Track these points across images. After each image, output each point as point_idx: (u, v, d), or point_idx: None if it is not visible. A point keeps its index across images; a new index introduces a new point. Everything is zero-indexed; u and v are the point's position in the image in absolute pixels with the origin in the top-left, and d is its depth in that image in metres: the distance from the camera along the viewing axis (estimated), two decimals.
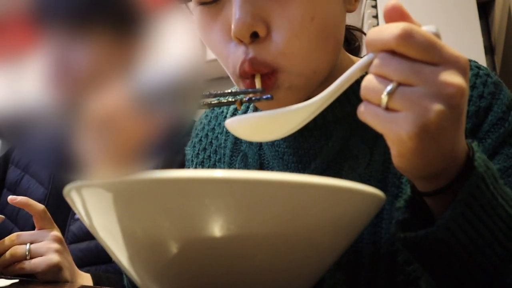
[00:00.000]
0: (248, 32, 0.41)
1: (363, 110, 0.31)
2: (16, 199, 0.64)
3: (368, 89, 0.30)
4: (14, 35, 0.28)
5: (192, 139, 0.65)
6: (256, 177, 0.24)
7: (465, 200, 0.32)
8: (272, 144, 0.54)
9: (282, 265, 0.28)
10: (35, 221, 0.66)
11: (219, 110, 0.63)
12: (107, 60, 0.29)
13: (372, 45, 0.30)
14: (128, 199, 0.26)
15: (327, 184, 0.26)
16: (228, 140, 0.59)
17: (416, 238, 0.33)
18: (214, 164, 0.60)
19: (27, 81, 0.29)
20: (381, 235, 0.46)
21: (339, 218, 0.28)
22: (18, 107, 0.29)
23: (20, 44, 0.28)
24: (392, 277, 0.45)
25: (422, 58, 0.29)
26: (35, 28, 0.27)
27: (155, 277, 0.29)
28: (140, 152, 0.27)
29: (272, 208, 0.25)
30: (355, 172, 0.49)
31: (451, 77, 0.28)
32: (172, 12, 0.31)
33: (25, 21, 0.27)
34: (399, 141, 0.29)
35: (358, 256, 0.47)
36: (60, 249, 0.64)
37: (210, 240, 0.25)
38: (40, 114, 0.28)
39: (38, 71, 0.28)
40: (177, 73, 0.31)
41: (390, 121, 0.29)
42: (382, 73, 0.29)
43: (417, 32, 0.28)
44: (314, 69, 0.45)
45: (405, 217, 0.36)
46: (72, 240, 0.88)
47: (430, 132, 0.28)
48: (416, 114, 0.28)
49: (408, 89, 0.29)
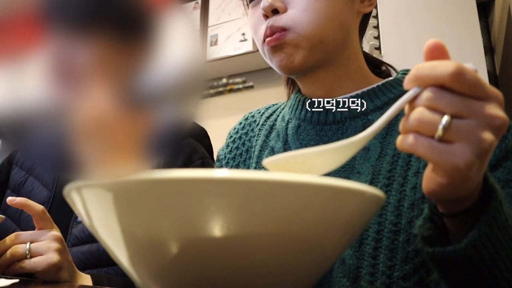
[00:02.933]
0: (270, 8, 0.57)
1: (413, 141, 0.32)
2: (15, 200, 0.64)
3: (422, 121, 0.31)
4: (17, 35, 0.28)
5: (227, 142, 0.75)
6: (256, 177, 0.24)
7: (488, 221, 0.35)
8: (297, 139, 0.63)
9: (282, 265, 0.28)
10: (35, 221, 0.66)
11: (252, 119, 0.74)
12: (111, 61, 0.29)
13: (422, 79, 0.32)
14: (128, 199, 0.26)
15: (327, 184, 0.26)
16: (259, 140, 0.69)
17: (444, 253, 0.36)
18: (245, 160, 0.70)
19: (30, 81, 0.29)
20: (386, 217, 0.51)
21: (339, 218, 0.28)
22: (20, 107, 0.29)
23: (23, 44, 0.28)
24: (393, 253, 0.50)
25: (471, 94, 0.31)
26: (39, 28, 0.27)
27: (155, 277, 0.29)
28: (140, 151, 0.28)
29: (272, 208, 0.25)
30: (368, 162, 0.56)
31: (496, 111, 0.31)
32: (172, 12, 0.31)
33: (29, 21, 0.27)
34: (455, 170, 0.31)
35: (365, 233, 0.51)
36: (60, 249, 0.64)
37: (210, 240, 0.25)
38: (42, 115, 0.28)
39: (41, 72, 0.28)
40: (177, 73, 0.31)
41: (446, 152, 0.31)
42: (436, 106, 0.31)
43: (468, 70, 0.31)
44: (320, 39, 0.57)
45: (429, 233, 0.39)
46: (74, 243, 0.88)
47: (482, 160, 0.31)
48: (471, 144, 0.30)
49: (462, 122, 0.31)
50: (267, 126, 0.70)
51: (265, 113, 0.74)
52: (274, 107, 0.74)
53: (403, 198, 0.52)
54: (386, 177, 0.54)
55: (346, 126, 0.60)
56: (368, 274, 0.49)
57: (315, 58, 0.58)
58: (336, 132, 0.60)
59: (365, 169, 0.55)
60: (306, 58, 0.57)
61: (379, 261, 0.50)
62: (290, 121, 0.66)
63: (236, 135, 0.74)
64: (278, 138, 0.66)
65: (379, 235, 0.51)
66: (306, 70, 0.60)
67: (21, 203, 0.64)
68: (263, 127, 0.70)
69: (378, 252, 0.50)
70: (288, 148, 0.64)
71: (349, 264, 0.51)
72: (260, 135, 0.70)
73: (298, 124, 0.64)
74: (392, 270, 0.49)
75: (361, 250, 0.51)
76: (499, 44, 1.57)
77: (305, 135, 0.63)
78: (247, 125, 0.74)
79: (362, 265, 0.50)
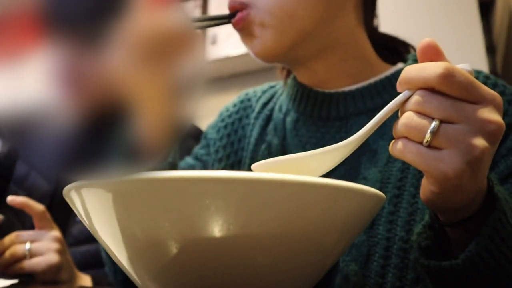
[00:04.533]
0: None
1: (401, 148, 0.30)
2: (16, 199, 0.64)
3: (410, 126, 0.30)
4: (17, 35, 0.27)
5: (217, 123, 0.67)
6: (256, 177, 0.24)
7: (488, 234, 0.32)
8: (296, 135, 0.57)
9: (282, 265, 0.28)
10: (35, 221, 0.65)
11: (248, 102, 0.66)
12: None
13: (411, 82, 0.30)
14: (128, 199, 0.26)
15: (327, 184, 0.25)
16: (254, 131, 0.62)
17: (440, 268, 0.34)
18: (236, 151, 0.62)
19: (30, 81, 0.29)
20: (396, 232, 0.47)
21: (339, 218, 0.28)
22: (21, 107, 0.29)
23: (23, 44, 0.28)
24: (403, 273, 0.46)
25: (462, 97, 0.29)
26: (40, 29, 0.27)
27: (155, 277, 0.29)
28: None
29: (272, 208, 0.25)
30: (375, 167, 0.50)
31: (491, 115, 0.29)
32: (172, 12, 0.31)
33: (29, 22, 0.27)
34: (443, 178, 0.29)
35: (372, 249, 0.47)
36: (60, 249, 0.64)
37: (210, 240, 0.25)
38: (44, 115, 0.28)
39: (43, 73, 0.28)
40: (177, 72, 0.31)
41: (434, 159, 0.29)
42: (424, 110, 0.30)
43: (458, 72, 0.29)
44: (289, 13, 0.48)
45: (427, 243, 0.37)
46: (73, 243, 0.87)
47: (473, 168, 0.29)
48: (461, 151, 0.29)
49: (451, 127, 0.29)
50: (263, 115, 0.62)
51: (261, 97, 0.66)
52: (272, 91, 0.66)
53: (414, 211, 0.47)
54: (396, 186, 0.48)
55: (351, 123, 0.53)
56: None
57: (289, 38, 0.50)
58: (340, 129, 0.54)
59: (372, 175, 0.50)
60: (278, 39, 0.49)
61: (387, 280, 0.46)
62: (288, 113, 0.59)
63: (229, 119, 0.66)
64: (275, 133, 0.59)
65: (387, 252, 0.46)
66: (287, 57, 0.53)
67: (21, 203, 0.64)
68: (259, 116, 0.63)
69: (386, 270, 0.46)
70: (286, 145, 0.58)
71: (354, 282, 0.47)
72: (256, 125, 0.62)
73: (297, 117, 0.58)
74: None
75: (367, 267, 0.47)
76: (501, 43, 1.57)
77: (304, 130, 0.56)
78: (242, 109, 0.66)
79: (368, 283, 0.46)
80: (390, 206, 0.48)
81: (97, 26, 0.28)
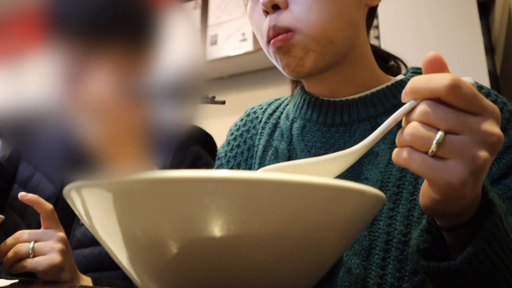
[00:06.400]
0: (270, 3, 0.53)
1: (407, 157, 0.31)
2: (26, 196, 0.64)
3: (416, 136, 0.31)
4: (19, 35, 0.27)
5: (228, 139, 0.72)
6: (256, 177, 0.24)
7: (486, 237, 0.34)
8: (302, 139, 0.61)
9: (283, 265, 0.28)
10: (42, 220, 0.66)
11: (254, 115, 0.71)
12: (113, 62, 0.29)
13: (418, 92, 0.31)
14: (128, 199, 0.26)
15: (327, 183, 0.25)
16: (262, 139, 0.66)
17: (439, 268, 0.36)
18: (246, 159, 0.67)
19: (31, 81, 0.29)
20: (395, 226, 0.50)
21: (339, 218, 0.28)
22: (21, 107, 0.29)
23: (25, 44, 0.28)
24: (402, 264, 0.48)
25: (466, 108, 0.30)
26: (42, 29, 0.27)
27: (155, 277, 0.29)
28: (141, 147, 0.28)
29: (272, 208, 0.25)
30: (376, 169, 0.54)
31: (492, 127, 0.31)
32: (173, 12, 0.31)
33: (32, 21, 0.27)
34: (448, 187, 0.31)
35: (373, 243, 0.50)
36: (63, 250, 0.64)
37: (210, 240, 0.25)
38: (45, 115, 0.28)
39: (43, 72, 0.28)
40: (177, 73, 0.31)
41: (439, 169, 0.30)
42: (430, 121, 0.31)
43: (464, 84, 0.30)
44: (330, 39, 0.53)
45: (425, 246, 0.38)
46: (76, 246, 0.88)
47: (476, 177, 0.31)
48: (466, 161, 0.30)
49: (456, 138, 0.30)
50: (270, 124, 0.67)
51: (267, 109, 0.70)
52: (277, 103, 0.71)
53: (413, 207, 0.50)
54: (396, 185, 0.52)
55: (354, 129, 0.57)
56: (376, 284, 0.48)
57: (327, 61, 0.54)
58: (343, 134, 0.58)
59: (373, 176, 0.53)
60: (316, 62, 0.54)
61: (388, 272, 0.48)
62: (294, 120, 0.63)
63: (237, 132, 0.71)
64: (282, 138, 0.63)
65: (388, 245, 0.49)
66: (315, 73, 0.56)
67: (32, 200, 0.65)
68: (266, 125, 0.68)
69: (387, 262, 0.49)
70: (292, 149, 0.62)
71: (356, 274, 0.50)
72: (263, 133, 0.67)
73: (303, 124, 0.62)
74: (401, 281, 0.48)
75: (369, 260, 0.49)
76: (500, 44, 1.57)
77: (310, 136, 0.60)
78: (249, 122, 0.71)
79: (370, 275, 0.49)
80: (390, 202, 0.51)
81: (104, 31, 0.28)
